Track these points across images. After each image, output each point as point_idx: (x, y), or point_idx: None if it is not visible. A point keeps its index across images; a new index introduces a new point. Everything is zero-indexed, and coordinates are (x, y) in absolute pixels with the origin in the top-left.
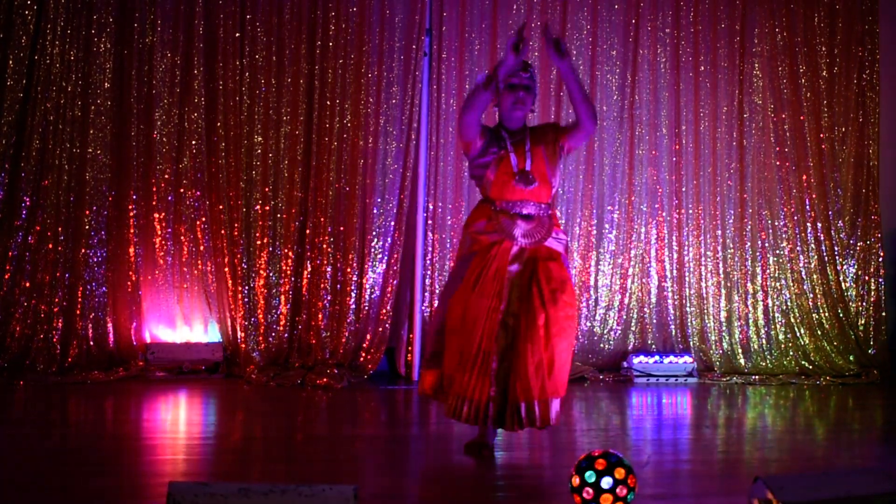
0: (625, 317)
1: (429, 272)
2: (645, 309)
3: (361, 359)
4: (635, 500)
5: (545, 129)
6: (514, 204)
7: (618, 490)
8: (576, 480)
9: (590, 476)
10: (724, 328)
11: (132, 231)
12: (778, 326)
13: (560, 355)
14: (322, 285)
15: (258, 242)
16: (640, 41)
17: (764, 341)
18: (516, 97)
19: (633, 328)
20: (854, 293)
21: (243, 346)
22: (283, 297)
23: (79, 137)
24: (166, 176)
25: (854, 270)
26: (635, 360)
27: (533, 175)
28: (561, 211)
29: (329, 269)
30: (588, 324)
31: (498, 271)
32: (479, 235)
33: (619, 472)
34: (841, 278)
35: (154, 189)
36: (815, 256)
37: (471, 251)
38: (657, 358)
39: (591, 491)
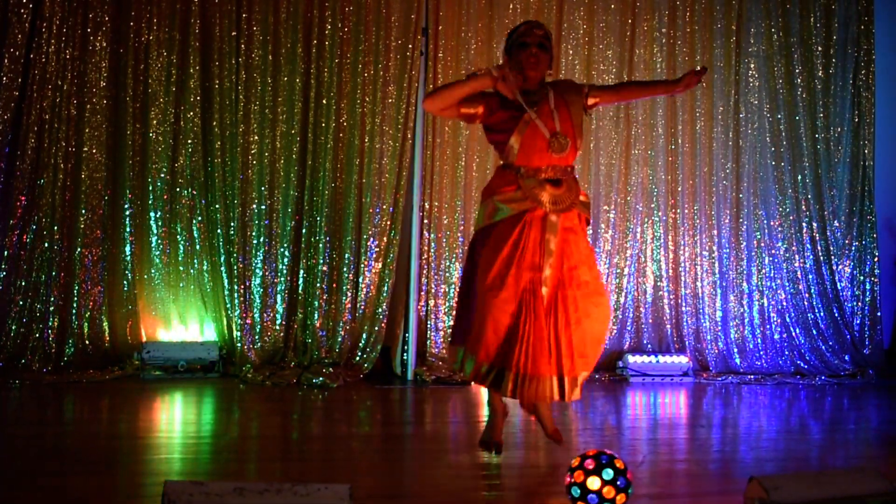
0: (620, 316)
1: (425, 271)
2: (641, 308)
3: (357, 358)
4: (630, 499)
5: (566, 86)
6: (540, 170)
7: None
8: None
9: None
10: (719, 328)
11: (128, 230)
12: (773, 326)
13: (584, 336)
14: (318, 284)
15: (254, 241)
16: (636, 41)
17: (759, 341)
18: (530, 53)
19: (628, 328)
20: (849, 293)
21: (239, 345)
22: (278, 297)
23: (74, 136)
24: (162, 175)
25: (849, 270)
26: (631, 360)
27: (564, 134)
28: None
29: (325, 268)
30: None
31: (535, 241)
32: (511, 203)
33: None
34: (836, 278)
35: (150, 188)
36: (811, 256)
37: (500, 219)
38: (653, 357)
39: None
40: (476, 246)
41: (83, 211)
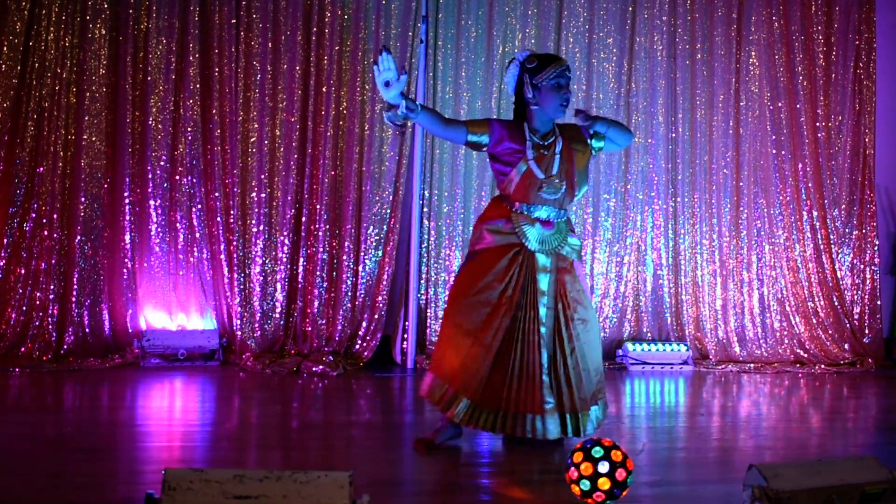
0: (620, 305)
1: (424, 260)
2: (640, 297)
3: (357, 346)
4: (631, 487)
5: (574, 132)
6: (534, 208)
7: (617, 473)
8: (574, 471)
9: (596, 452)
10: (719, 316)
11: (127, 218)
12: (773, 315)
13: (580, 373)
14: (317, 273)
15: (254, 230)
16: (636, 29)
17: (759, 330)
18: (563, 99)
19: (628, 316)
20: (849, 282)
21: (239, 333)
22: (278, 285)
23: (74, 124)
24: (161, 163)
25: (849, 259)
26: (630, 348)
27: (560, 179)
28: None
29: (325, 257)
30: None
31: (523, 279)
32: (497, 234)
33: (616, 455)
34: (836, 267)
35: (149, 176)
36: (811, 245)
37: (487, 247)
38: (652, 346)
39: (587, 472)
40: (459, 270)
41: (83, 199)
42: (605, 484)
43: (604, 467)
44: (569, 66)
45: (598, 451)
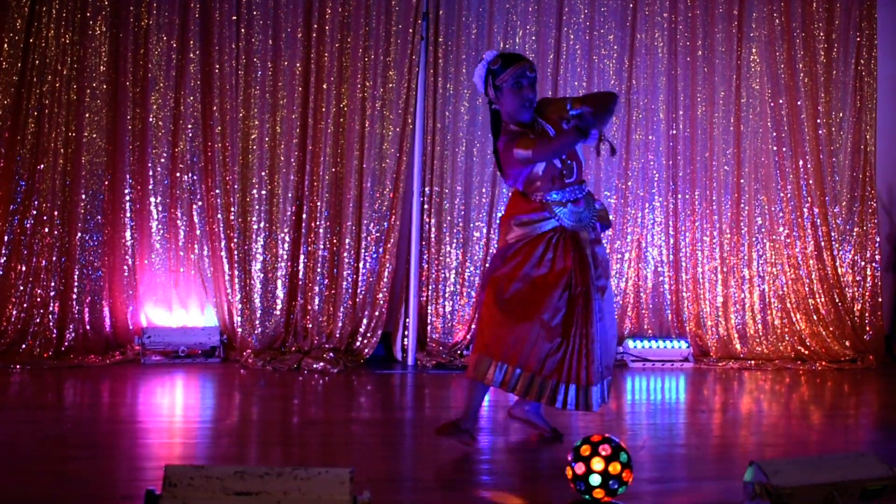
0: (621, 301)
1: (425, 257)
2: (641, 294)
3: (357, 343)
4: (631, 485)
5: (553, 106)
6: (564, 193)
7: (576, 466)
8: (579, 468)
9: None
10: (720, 313)
11: (128, 215)
12: (774, 312)
13: (609, 343)
14: (318, 270)
15: (254, 227)
16: (637, 26)
17: (760, 326)
18: (524, 98)
19: (629, 313)
20: (850, 279)
21: (239, 330)
22: (279, 282)
23: (74, 121)
24: (162, 160)
25: (850, 256)
26: (631, 345)
27: (570, 160)
28: None
29: (325, 254)
30: None
31: (564, 260)
32: (527, 226)
33: (584, 449)
34: (837, 264)
35: (150, 173)
36: (812, 242)
37: (520, 238)
38: (653, 343)
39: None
40: (495, 260)
41: (83, 196)
42: (568, 473)
43: (568, 456)
44: (532, 66)
45: (578, 442)
